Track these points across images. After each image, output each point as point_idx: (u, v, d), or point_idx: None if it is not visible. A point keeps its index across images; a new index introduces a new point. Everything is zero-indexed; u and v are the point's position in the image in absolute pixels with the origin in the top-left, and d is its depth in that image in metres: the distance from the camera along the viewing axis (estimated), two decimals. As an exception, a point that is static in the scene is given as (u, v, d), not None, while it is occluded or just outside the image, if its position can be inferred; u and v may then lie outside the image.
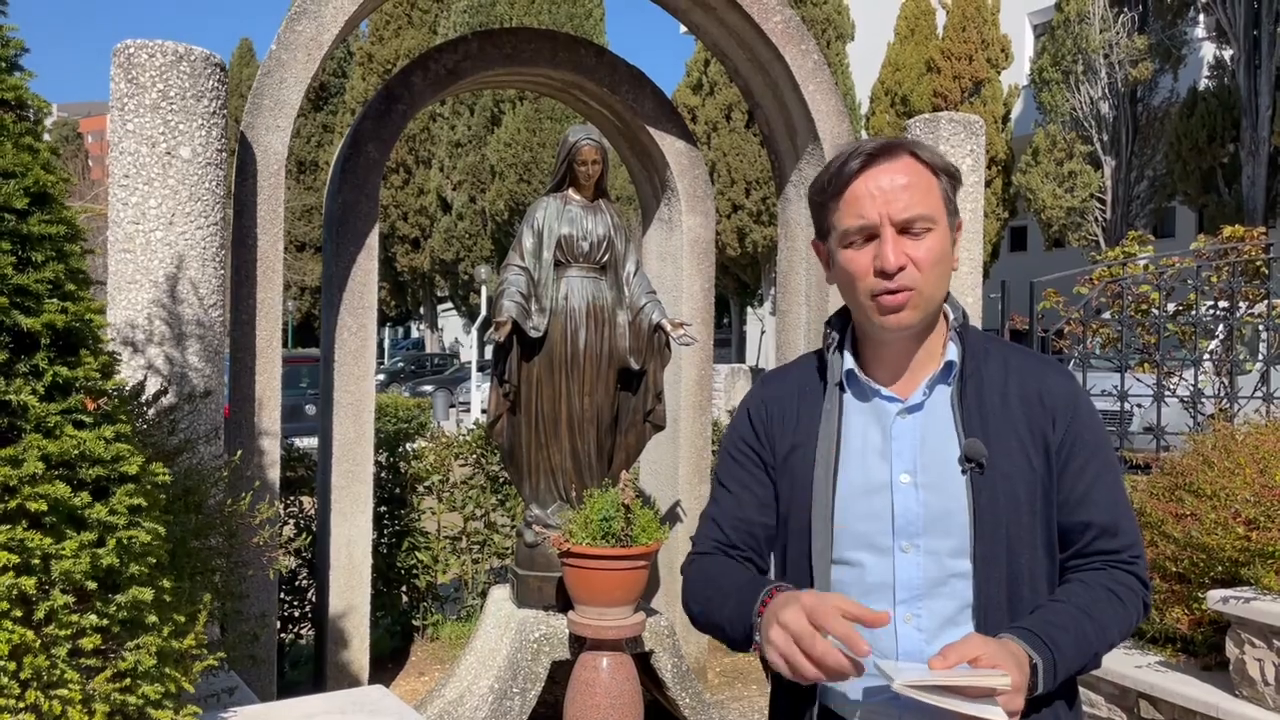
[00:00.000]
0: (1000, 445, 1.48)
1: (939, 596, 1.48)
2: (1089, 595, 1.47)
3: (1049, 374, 1.55)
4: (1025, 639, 1.38)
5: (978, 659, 1.31)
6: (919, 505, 1.48)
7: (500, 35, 4.99)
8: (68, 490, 1.64)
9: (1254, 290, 5.44)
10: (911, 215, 1.46)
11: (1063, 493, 1.50)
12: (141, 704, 1.74)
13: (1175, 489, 3.73)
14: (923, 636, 1.47)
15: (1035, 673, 1.36)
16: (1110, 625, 1.47)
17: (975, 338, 1.57)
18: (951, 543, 1.47)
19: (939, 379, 1.53)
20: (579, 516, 3.82)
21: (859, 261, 1.48)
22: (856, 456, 1.52)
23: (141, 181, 3.31)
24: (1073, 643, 1.41)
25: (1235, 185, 18.29)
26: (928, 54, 22.40)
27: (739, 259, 23.73)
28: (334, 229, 4.50)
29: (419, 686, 4.97)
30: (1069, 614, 1.44)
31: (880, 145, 1.49)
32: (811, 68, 4.73)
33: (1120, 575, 1.50)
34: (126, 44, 3.36)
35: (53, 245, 1.73)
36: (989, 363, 1.55)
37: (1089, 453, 1.51)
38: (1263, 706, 3.16)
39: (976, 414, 1.50)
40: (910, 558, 1.48)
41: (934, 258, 1.47)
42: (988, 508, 1.45)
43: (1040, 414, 1.51)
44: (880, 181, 1.46)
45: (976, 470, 1.46)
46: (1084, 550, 1.51)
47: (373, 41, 32.91)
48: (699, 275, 5.22)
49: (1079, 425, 1.51)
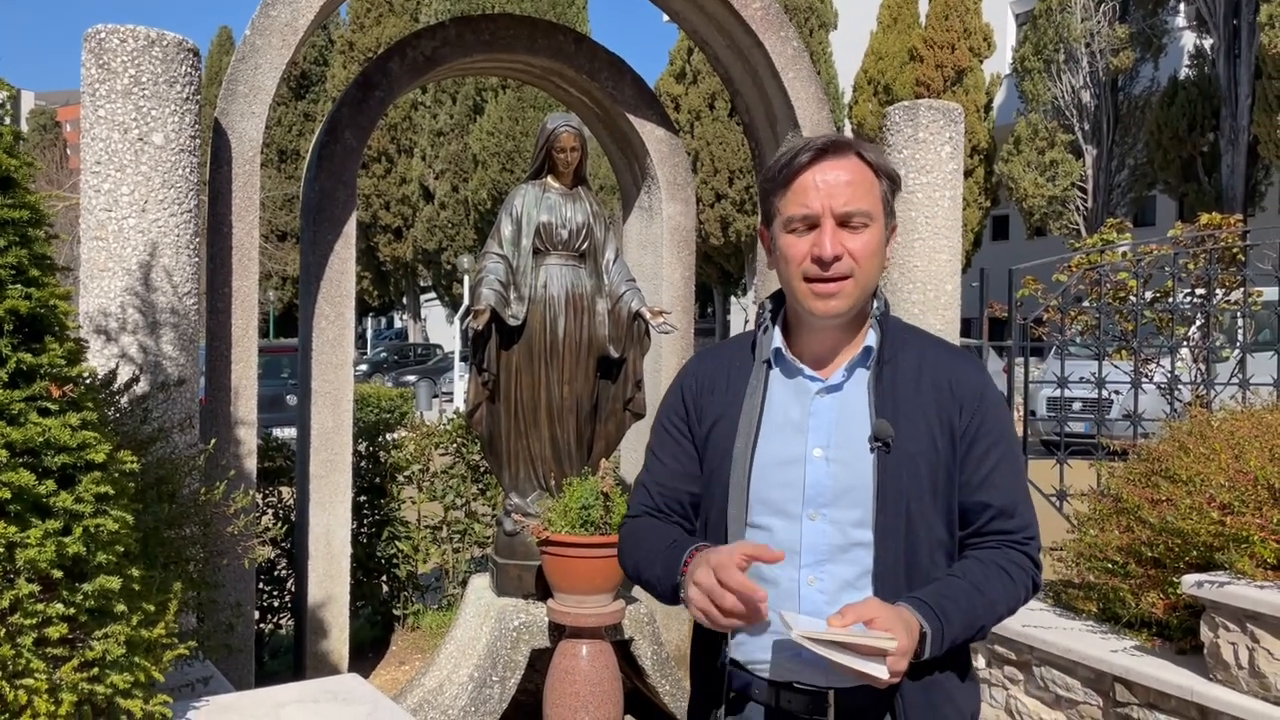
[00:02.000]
0: (909, 427, 1.59)
1: (841, 562, 1.60)
2: (982, 572, 1.60)
3: (960, 365, 1.68)
4: (918, 608, 1.50)
5: (873, 620, 1.43)
6: (828, 478, 1.60)
7: (479, 21, 4.95)
8: (32, 478, 1.62)
9: (1230, 277, 5.47)
10: (851, 209, 1.58)
11: (965, 475, 1.62)
12: (110, 693, 1.73)
13: (1152, 475, 3.75)
14: (824, 598, 1.59)
15: (924, 640, 1.49)
16: (999, 601, 1.60)
17: (895, 327, 1.69)
18: (856, 514, 1.59)
19: (858, 362, 1.65)
20: (558, 505, 3.81)
21: (798, 247, 1.60)
22: (776, 430, 1.64)
23: (114, 168, 3.28)
24: (962, 616, 1.55)
25: (1215, 174, 18.42)
26: (910, 43, 22.44)
27: (722, 248, 23.74)
28: (311, 217, 4.47)
29: (399, 676, 4.97)
30: (962, 589, 1.57)
31: (829, 142, 1.63)
32: (791, 55, 4.72)
33: (1014, 555, 1.63)
34: (98, 29, 3.31)
35: (16, 230, 1.71)
36: (906, 350, 1.67)
37: (992, 440, 1.63)
38: (1237, 690, 3.19)
39: (890, 397, 1.61)
40: (816, 525, 1.60)
41: (869, 251, 1.59)
42: (891, 484, 1.57)
43: (949, 401, 1.63)
44: (826, 175, 1.58)
45: (883, 449, 1.58)
46: (981, 529, 1.64)
47: (354, 29, 32.66)
48: (679, 264, 5.21)
49: (984, 414, 1.64)
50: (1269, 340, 6.98)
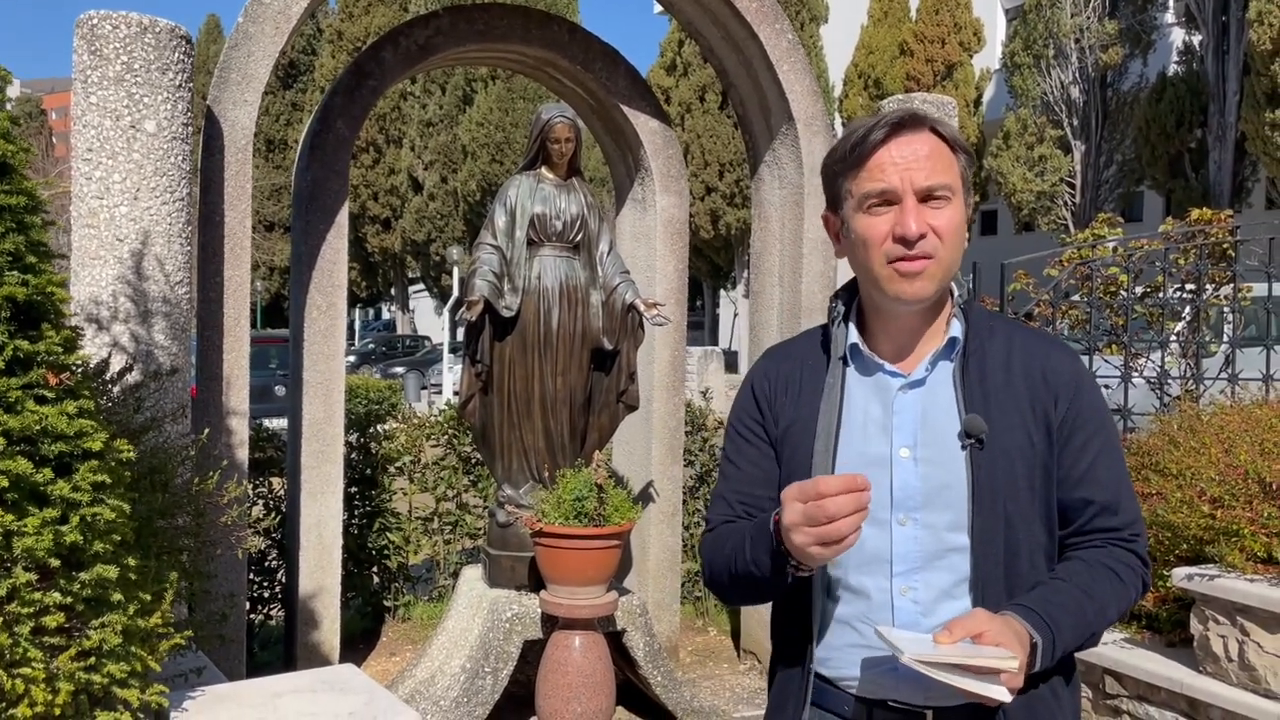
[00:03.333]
0: (1001, 422, 1.49)
1: (935, 569, 1.49)
2: (1089, 574, 1.49)
3: (1053, 353, 1.56)
4: (1027, 617, 1.40)
5: (981, 635, 1.33)
6: (917, 479, 1.49)
7: (473, 11, 4.93)
8: (29, 466, 1.61)
9: (1220, 273, 5.49)
10: (934, 183, 1.46)
11: (1063, 470, 1.51)
12: (106, 683, 1.72)
13: (1142, 468, 3.77)
14: (919, 609, 1.48)
15: (1035, 651, 1.38)
16: (1109, 604, 1.49)
17: (980, 315, 1.58)
18: (949, 517, 1.48)
19: (942, 355, 1.54)
20: (551, 496, 3.81)
21: (878, 228, 1.48)
22: (858, 430, 1.53)
23: (105, 156, 3.25)
24: (1072, 623, 1.44)
25: (1202, 170, 18.49)
26: (901, 37, 22.46)
27: (712, 241, 23.74)
28: (303, 206, 4.45)
29: (390, 667, 4.96)
30: (1070, 593, 1.45)
31: (904, 115, 1.50)
32: (786, 47, 4.71)
33: (1120, 553, 1.52)
34: (90, 15, 3.28)
35: (13, 216, 1.69)
36: (994, 340, 1.55)
37: (1090, 431, 1.52)
38: (1226, 682, 3.21)
39: (979, 390, 1.51)
40: (907, 530, 1.49)
41: (953, 227, 1.48)
42: (986, 483, 1.47)
43: (1043, 392, 1.52)
44: (904, 150, 1.47)
45: (976, 446, 1.47)
46: (1084, 528, 1.53)
47: (343, 18, 32.47)
48: (672, 255, 5.21)
49: (1081, 404, 1.52)
50: (1257, 335, 7.02)
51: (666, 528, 5.17)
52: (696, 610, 5.84)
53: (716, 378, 16.18)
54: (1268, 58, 15.07)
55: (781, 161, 4.96)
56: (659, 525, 5.15)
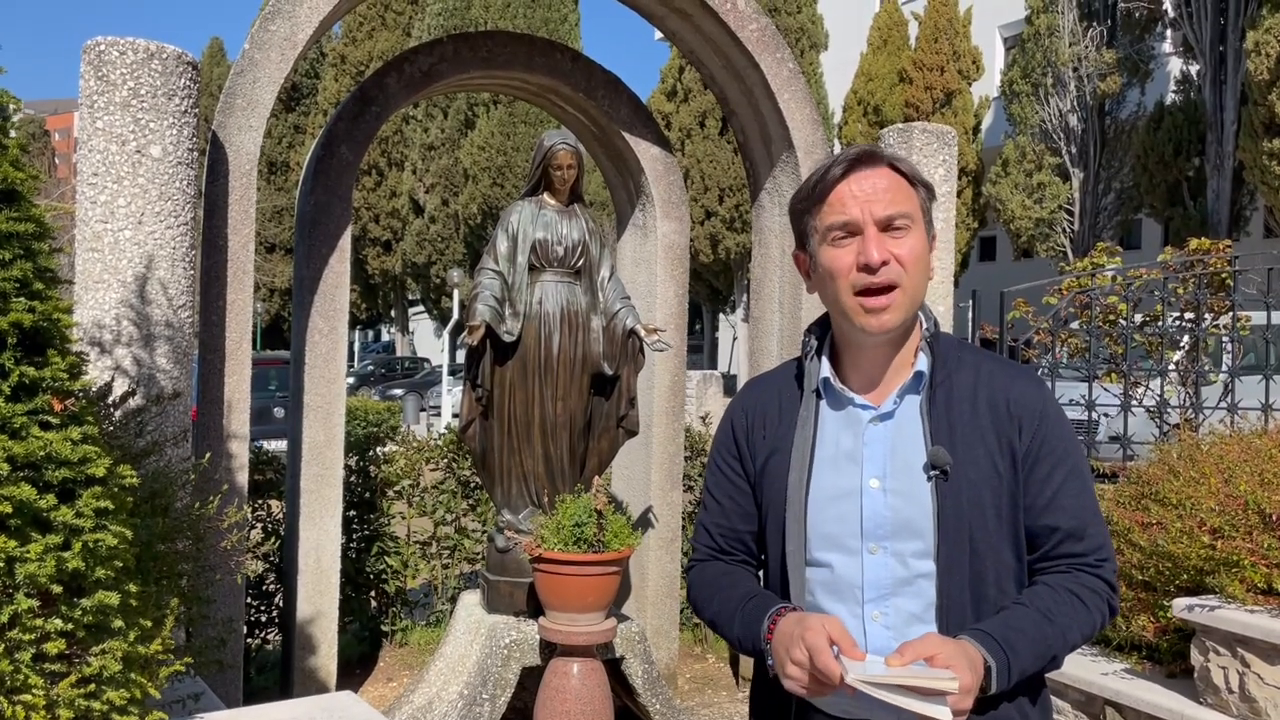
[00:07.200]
0: (967, 452, 1.54)
1: (905, 595, 1.54)
2: (1052, 598, 1.53)
3: (1017, 382, 1.60)
4: (982, 641, 1.45)
5: (933, 657, 1.38)
6: (887, 509, 1.54)
7: (476, 38, 4.97)
8: (33, 492, 1.61)
9: (1219, 302, 5.51)
10: (893, 212, 1.53)
11: (1029, 497, 1.56)
12: (106, 710, 1.71)
13: (1142, 498, 3.77)
14: (890, 634, 1.54)
15: (989, 674, 1.43)
16: (1071, 628, 1.52)
17: (947, 346, 1.63)
18: (917, 545, 1.53)
19: (909, 388, 1.59)
20: (551, 522, 3.80)
21: (842, 259, 1.54)
22: (829, 462, 1.59)
23: (110, 180, 3.27)
24: (1030, 646, 1.48)
25: (1200, 198, 18.57)
26: (900, 64, 22.59)
27: (712, 266, 23.77)
28: (306, 230, 4.47)
29: (387, 693, 4.93)
30: (1029, 617, 1.50)
31: (861, 153, 1.57)
32: (787, 76, 4.75)
33: (1085, 578, 1.56)
34: (97, 41, 3.31)
35: (20, 243, 1.70)
36: (961, 371, 1.60)
37: (1055, 459, 1.56)
38: (1227, 714, 3.20)
39: (945, 422, 1.56)
40: (877, 559, 1.55)
41: (915, 255, 1.54)
42: (951, 513, 1.52)
43: (1007, 421, 1.56)
44: (863, 185, 1.54)
45: (941, 477, 1.52)
46: (1050, 553, 1.57)
47: (346, 43, 32.69)
48: (673, 281, 5.23)
49: (1045, 432, 1.57)
50: (1256, 364, 7.03)
51: (665, 554, 5.16)
52: (695, 637, 5.82)
53: (716, 401, 16.12)
54: (1265, 88, 15.18)
55: (782, 189, 4.99)
56: (658, 551, 5.14)
